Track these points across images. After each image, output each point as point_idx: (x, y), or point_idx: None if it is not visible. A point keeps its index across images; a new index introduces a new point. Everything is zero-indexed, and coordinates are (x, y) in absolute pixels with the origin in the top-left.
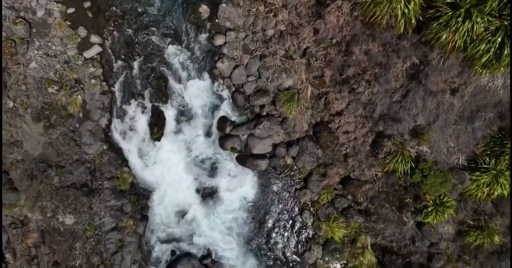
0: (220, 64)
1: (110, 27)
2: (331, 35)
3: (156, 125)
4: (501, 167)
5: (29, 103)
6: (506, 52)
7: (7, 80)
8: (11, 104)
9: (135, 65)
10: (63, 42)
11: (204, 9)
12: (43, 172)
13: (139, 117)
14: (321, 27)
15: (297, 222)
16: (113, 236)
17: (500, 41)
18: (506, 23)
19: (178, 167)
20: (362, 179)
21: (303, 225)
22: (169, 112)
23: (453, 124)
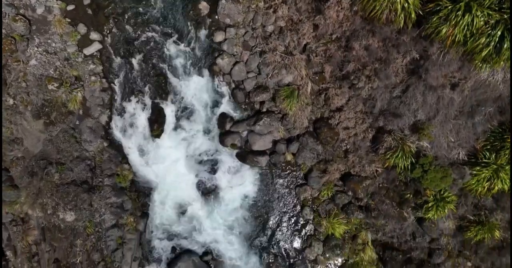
0: (220, 60)
1: (109, 24)
2: (331, 30)
3: (156, 122)
4: (501, 162)
5: (29, 100)
6: (506, 45)
7: (7, 77)
8: (11, 102)
9: (135, 62)
10: (63, 39)
11: (203, 5)
12: (43, 169)
13: (139, 114)
14: (321, 23)
15: (298, 218)
16: (114, 233)
17: (500, 34)
18: (506, 16)
19: (179, 164)
20: (363, 175)
21: (303, 221)
22: (169, 109)
23: (453, 119)
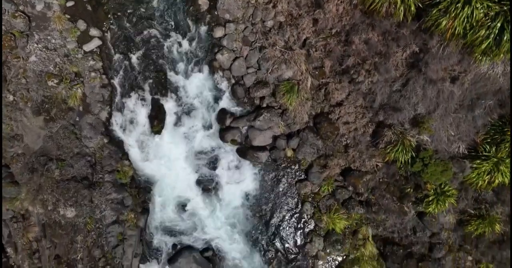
0: (219, 56)
1: (109, 20)
2: (330, 25)
3: (156, 118)
4: (501, 155)
5: (29, 96)
6: (506, 37)
7: (7, 74)
8: (11, 98)
9: (135, 58)
10: (63, 36)
11: (203, 1)
12: (43, 165)
13: (139, 110)
14: (320, 17)
15: (298, 214)
16: (114, 229)
17: (499, 26)
18: (506, 8)
19: (179, 160)
20: (363, 170)
21: (304, 217)
22: (169, 105)
23: (453, 112)
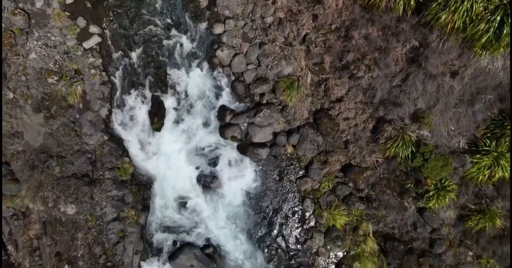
0: (219, 52)
1: (109, 17)
2: (330, 20)
3: (156, 115)
4: (501, 149)
5: (29, 94)
6: (505, 31)
7: (7, 71)
8: (11, 95)
9: (135, 55)
10: (62, 33)
11: None
12: (44, 162)
13: (139, 107)
14: (320, 13)
15: (299, 210)
16: (115, 226)
17: (499, 20)
18: (505, 1)
19: (179, 157)
20: (363, 166)
21: (304, 213)
22: (169, 101)
23: (453, 107)
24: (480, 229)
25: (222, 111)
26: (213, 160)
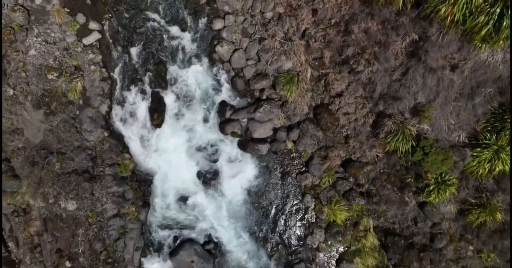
0: (219, 48)
1: (108, 14)
2: (329, 15)
3: (156, 111)
4: (502, 143)
5: (29, 90)
6: (505, 23)
7: (7, 68)
8: (11, 92)
9: (134, 51)
10: (62, 29)
11: None
12: (44, 159)
13: (139, 103)
14: (319, 7)
15: (299, 206)
16: (116, 223)
17: (499, 12)
18: None
19: (179, 153)
20: (363, 161)
21: (305, 209)
22: (169, 97)
23: (453, 101)
24: (480, 223)
25: (222, 106)
26: (213, 156)
